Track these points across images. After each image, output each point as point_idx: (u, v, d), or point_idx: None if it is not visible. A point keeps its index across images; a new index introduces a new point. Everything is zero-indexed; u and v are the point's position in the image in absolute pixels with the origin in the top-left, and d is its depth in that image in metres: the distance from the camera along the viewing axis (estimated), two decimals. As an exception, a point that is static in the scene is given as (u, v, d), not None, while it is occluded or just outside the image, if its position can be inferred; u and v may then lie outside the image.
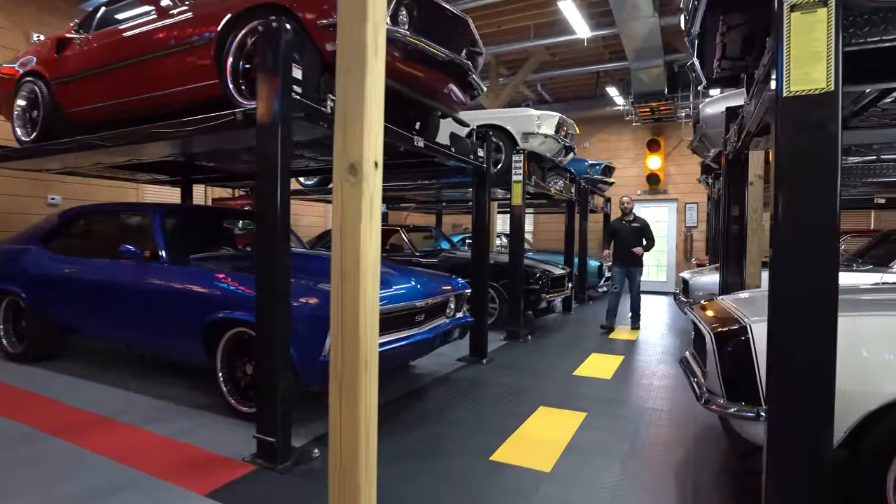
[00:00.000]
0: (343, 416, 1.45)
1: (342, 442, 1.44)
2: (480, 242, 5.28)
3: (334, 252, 1.43)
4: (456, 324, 4.46)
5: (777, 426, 1.74)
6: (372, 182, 1.38)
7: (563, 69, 10.53)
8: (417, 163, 4.82)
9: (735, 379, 2.23)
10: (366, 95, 1.34)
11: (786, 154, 1.62)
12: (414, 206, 12.35)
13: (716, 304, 2.88)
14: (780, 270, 1.68)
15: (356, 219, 1.36)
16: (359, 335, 1.36)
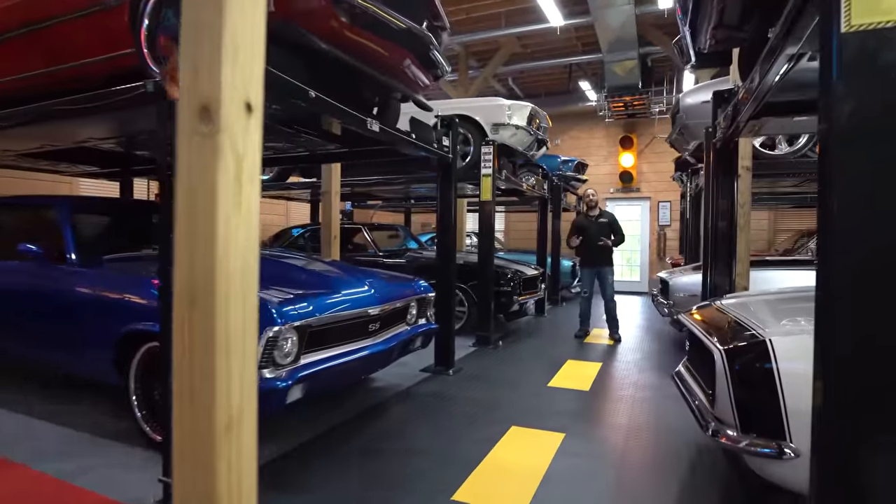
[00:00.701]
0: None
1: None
2: (446, 241, 4.79)
3: (176, 254, 0.88)
4: (418, 332, 3.97)
5: (824, 480, 1.29)
6: (241, 138, 0.85)
7: (534, 61, 10.14)
8: (375, 152, 4.30)
9: (752, 406, 1.80)
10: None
11: (846, 108, 1.17)
12: (380, 203, 11.82)
13: (715, 312, 2.45)
14: (838, 264, 1.23)
15: (209, 196, 0.83)
16: (214, 386, 0.83)
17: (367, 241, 7.28)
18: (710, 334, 2.05)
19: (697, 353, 2.36)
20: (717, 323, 2.21)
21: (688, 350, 2.68)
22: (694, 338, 2.39)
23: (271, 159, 4.74)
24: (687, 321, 2.49)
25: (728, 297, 2.95)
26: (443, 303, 4.80)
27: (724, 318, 2.24)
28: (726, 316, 2.25)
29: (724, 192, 3.91)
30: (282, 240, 8.15)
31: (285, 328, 2.58)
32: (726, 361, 1.83)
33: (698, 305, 2.99)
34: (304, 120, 3.59)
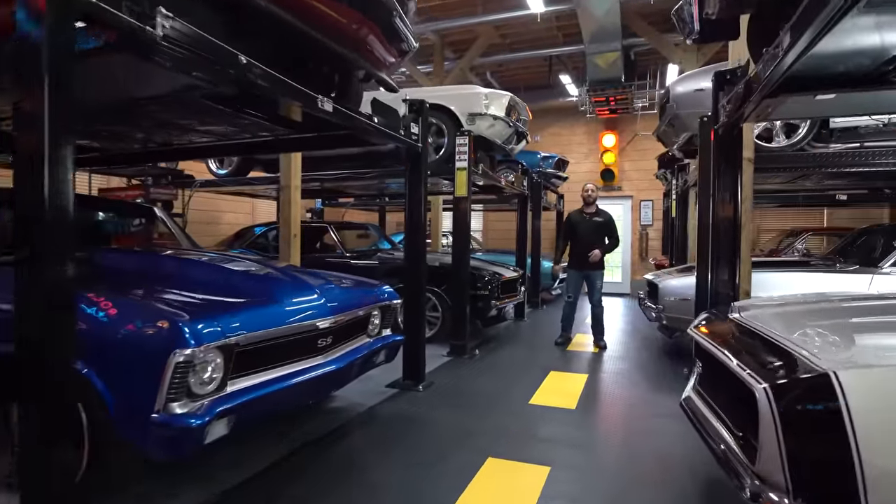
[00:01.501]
0: None
1: None
2: (415, 240, 4.28)
3: None
4: (382, 344, 3.46)
5: None
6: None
7: (514, 52, 9.69)
8: (333, 139, 3.76)
9: (811, 463, 1.32)
10: None
11: None
12: (352, 201, 11.25)
13: (736, 327, 1.99)
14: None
15: None
16: None
17: (334, 242, 6.72)
18: (743, 362, 1.57)
19: (716, 377, 1.89)
20: (745, 345, 1.73)
21: (699, 372, 2.21)
22: (710, 359, 1.92)
23: (214, 147, 4.16)
24: (701, 339, 2.02)
25: (741, 305, 2.50)
26: (412, 309, 4.29)
27: (754, 337, 1.77)
28: (755, 334, 1.78)
29: (726, 184, 3.47)
30: (243, 239, 7.53)
31: (202, 350, 2.04)
32: (775, 403, 1.35)
33: (706, 316, 2.53)
34: (246, 99, 3.05)
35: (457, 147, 5.34)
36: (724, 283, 3.52)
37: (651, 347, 6.08)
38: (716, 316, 2.38)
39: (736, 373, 1.52)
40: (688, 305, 5.13)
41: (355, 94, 3.68)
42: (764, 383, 1.38)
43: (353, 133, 3.62)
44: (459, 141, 5.32)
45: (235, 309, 2.36)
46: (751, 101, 2.68)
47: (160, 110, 3.21)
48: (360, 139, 3.86)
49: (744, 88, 2.67)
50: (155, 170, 6.66)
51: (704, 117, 4.59)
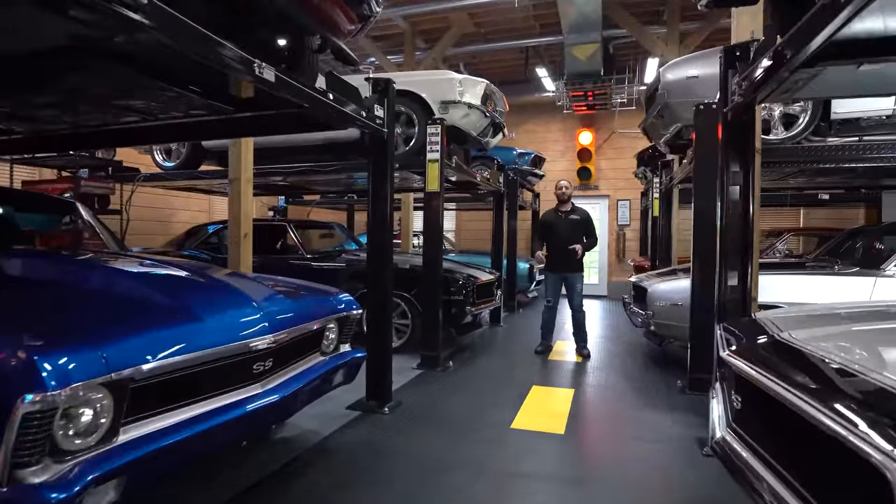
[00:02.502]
0: None
1: None
2: (380, 240, 3.74)
3: None
4: (339, 363, 2.91)
5: None
6: None
7: (489, 43, 9.21)
8: (280, 120, 3.19)
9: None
10: None
11: None
12: (318, 199, 10.63)
13: (803, 357, 1.50)
14: None
15: None
16: None
17: (294, 242, 6.11)
18: (844, 419, 1.08)
19: (772, 419, 1.41)
20: (829, 387, 1.25)
21: (737, 407, 1.73)
22: (760, 394, 1.44)
23: (147, 130, 3.53)
24: (754, 372, 1.53)
25: (776, 319, 2.04)
26: (377, 319, 3.75)
27: (843, 375, 1.29)
28: (844, 371, 1.29)
29: (736, 176, 3.04)
30: (194, 239, 6.86)
31: (70, 391, 1.46)
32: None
33: (737, 334, 2.05)
34: (168, 67, 2.47)
35: (428, 136, 4.82)
36: (734, 288, 3.09)
37: (637, 355, 5.67)
38: (749, 334, 1.91)
39: (836, 434, 1.04)
40: (679, 311, 4.72)
41: (309, 68, 3.11)
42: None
43: (304, 113, 3.07)
44: (431, 130, 4.80)
45: (134, 331, 1.78)
46: (779, 74, 2.24)
47: (65, 77, 2.60)
48: (315, 122, 3.30)
49: (773, 58, 2.22)
50: (90, 160, 5.94)
51: (701, 105, 4.21)
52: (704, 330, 4.22)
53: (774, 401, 1.37)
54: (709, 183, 4.20)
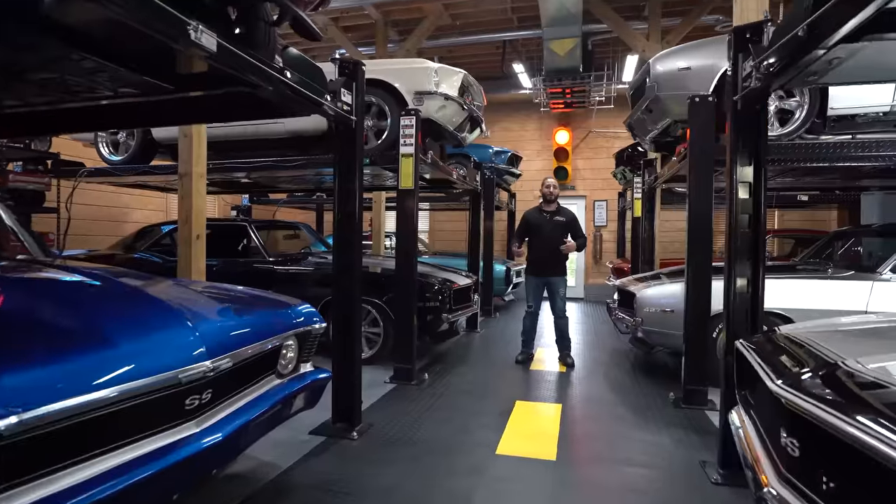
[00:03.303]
0: None
1: None
2: (348, 240, 3.31)
3: None
4: (299, 386, 2.49)
5: None
6: None
7: (464, 36, 8.85)
8: (231, 101, 2.75)
9: None
10: None
11: None
12: (285, 198, 10.11)
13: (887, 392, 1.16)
14: None
15: None
16: None
17: (255, 244, 5.62)
18: None
19: (876, 488, 1.06)
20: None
21: (794, 454, 1.38)
22: (860, 458, 1.09)
23: (73, 114, 3.02)
24: (844, 423, 1.17)
25: (825, 339, 1.72)
26: (344, 330, 3.33)
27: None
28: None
29: (745, 171, 2.73)
30: (146, 240, 6.29)
31: None
32: None
33: (791, 366, 1.70)
34: (83, 30, 2.01)
35: (402, 129, 4.42)
36: (743, 297, 2.77)
37: (622, 364, 5.37)
38: (799, 360, 1.57)
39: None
40: (671, 318, 4.44)
41: (266, 43, 2.67)
42: None
43: (261, 98, 2.63)
44: (405, 121, 4.40)
45: (6, 368, 1.33)
46: (813, 52, 1.92)
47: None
48: (274, 108, 2.86)
49: (807, 32, 1.90)
50: (21, 153, 5.34)
51: (696, 97, 3.92)
52: (699, 339, 3.95)
53: (871, 461, 1.02)
54: (705, 182, 3.94)
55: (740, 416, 2.06)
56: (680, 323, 4.25)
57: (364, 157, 4.81)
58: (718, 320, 4.22)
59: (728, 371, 2.79)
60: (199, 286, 2.70)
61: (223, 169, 5.59)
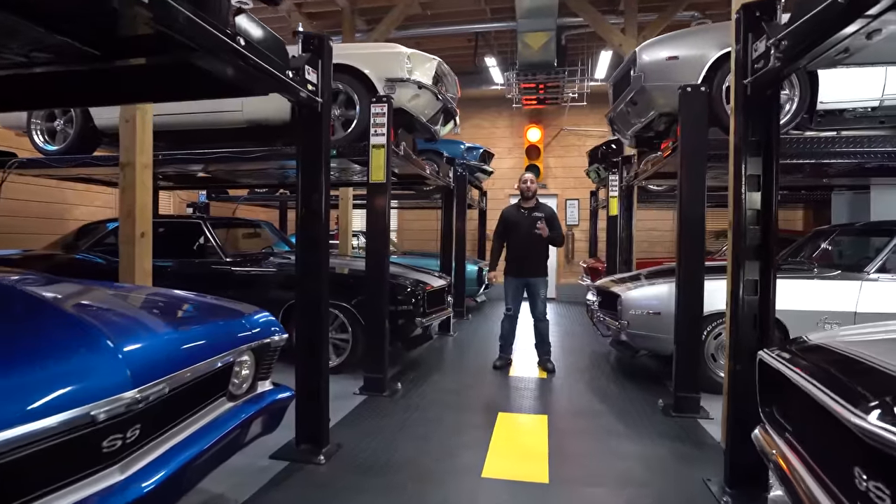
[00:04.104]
0: None
1: None
2: (312, 239, 2.93)
3: None
4: (255, 410, 2.13)
5: None
6: None
7: (435, 27, 8.51)
8: (172, 75, 2.35)
9: None
10: None
11: None
12: (245, 196, 9.58)
13: None
14: None
15: None
16: None
17: (211, 243, 5.15)
18: None
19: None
20: None
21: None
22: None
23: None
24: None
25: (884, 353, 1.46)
26: (308, 339, 2.95)
27: None
28: None
29: (755, 163, 2.49)
30: (89, 238, 5.72)
31: None
32: None
33: (870, 390, 1.43)
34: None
35: (372, 117, 4.06)
36: (752, 302, 2.53)
37: (604, 368, 5.14)
38: (869, 383, 1.30)
39: None
40: (658, 322, 4.22)
41: (216, 8, 2.28)
42: None
43: (213, 73, 2.24)
44: (376, 109, 4.04)
45: None
46: (858, 21, 1.67)
47: None
48: (223, 84, 2.46)
49: (848, 2, 1.65)
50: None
51: (688, 87, 3.69)
52: (691, 344, 3.73)
53: None
54: (697, 177, 3.71)
55: (770, 440, 1.79)
56: (667, 326, 4.03)
57: (331, 147, 4.48)
58: (708, 322, 4.07)
59: (739, 383, 2.56)
60: (135, 293, 2.29)
61: (175, 160, 5.10)
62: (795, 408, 1.69)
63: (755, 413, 2.48)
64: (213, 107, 4.93)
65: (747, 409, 2.52)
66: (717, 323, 4.11)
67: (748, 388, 2.53)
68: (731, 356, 2.63)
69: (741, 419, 2.54)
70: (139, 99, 3.15)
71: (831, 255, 5.08)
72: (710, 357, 4.13)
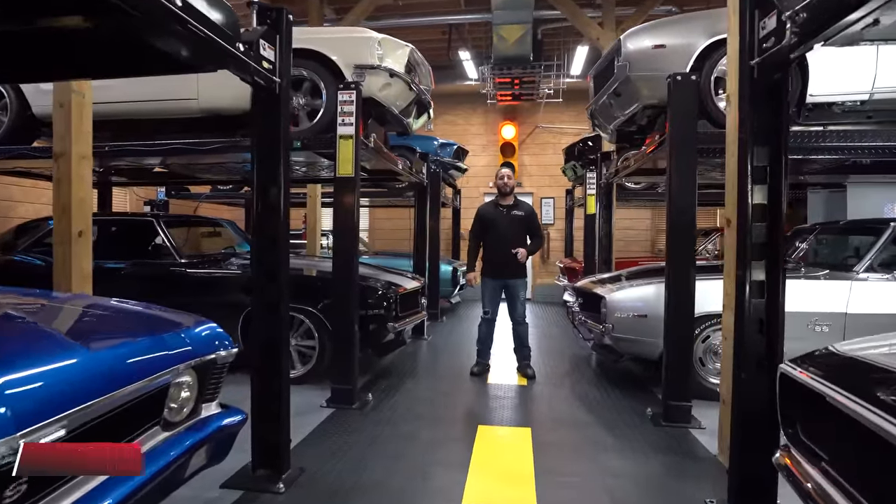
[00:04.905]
0: None
1: None
2: (270, 237, 2.59)
3: None
4: (197, 439, 1.80)
5: None
6: None
7: (407, 17, 8.19)
8: (95, 40, 1.99)
9: None
10: None
11: None
12: (206, 193, 9.10)
13: None
14: None
15: None
16: None
17: (164, 243, 4.72)
18: None
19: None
20: None
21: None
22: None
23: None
24: None
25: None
26: (266, 353, 2.61)
27: None
28: None
29: (762, 153, 2.27)
30: (28, 237, 5.23)
31: None
32: None
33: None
34: None
35: (340, 106, 3.73)
36: (758, 306, 2.31)
37: (585, 372, 4.92)
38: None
39: None
40: (645, 325, 4.01)
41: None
42: None
43: (152, 48, 1.90)
44: (344, 96, 3.71)
45: None
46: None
47: None
48: (163, 58, 2.11)
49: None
50: None
51: (678, 75, 3.48)
52: (682, 348, 3.52)
53: None
54: (687, 172, 3.50)
55: (800, 470, 1.55)
56: (654, 329, 3.83)
57: (294, 139, 4.13)
58: (696, 324, 3.87)
59: (745, 393, 2.33)
60: (51, 303, 1.92)
61: (123, 152, 4.69)
62: (833, 431, 1.45)
63: (763, 426, 2.28)
64: (165, 94, 4.53)
65: (754, 422, 2.31)
66: (706, 325, 3.92)
67: (755, 398, 2.32)
68: (737, 364, 2.40)
69: (747, 434, 2.32)
70: (64, 75, 2.76)
71: (816, 255, 4.96)
72: (699, 361, 3.94)
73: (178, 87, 4.44)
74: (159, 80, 4.45)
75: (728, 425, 2.82)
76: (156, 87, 4.48)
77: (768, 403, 2.29)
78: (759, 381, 2.32)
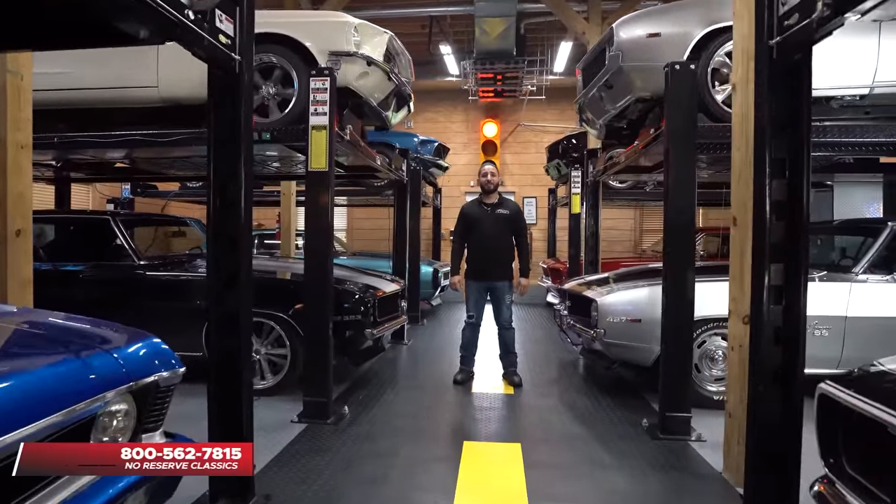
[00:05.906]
0: None
1: None
2: (230, 238, 2.29)
3: None
4: (132, 480, 1.49)
5: None
6: None
7: (387, 9, 7.90)
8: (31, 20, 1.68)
9: None
10: None
11: None
12: (175, 191, 8.68)
13: None
14: None
15: None
16: None
17: (121, 243, 4.34)
18: None
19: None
20: None
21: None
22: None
23: None
24: None
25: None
26: (224, 370, 2.30)
27: None
28: None
29: (781, 144, 2.05)
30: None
31: None
32: None
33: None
34: None
35: (312, 94, 3.42)
36: (775, 312, 2.08)
37: (574, 379, 4.70)
38: None
39: None
40: (638, 330, 3.79)
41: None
42: None
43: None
44: (316, 84, 3.41)
45: None
46: None
47: None
48: (99, 23, 1.80)
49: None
50: None
51: (677, 64, 3.26)
52: (681, 356, 3.30)
53: None
54: (686, 167, 3.28)
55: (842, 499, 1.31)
56: (649, 335, 3.62)
57: (264, 130, 3.82)
58: (693, 328, 3.66)
59: (762, 407, 2.11)
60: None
61: (76, 144, 4.31)
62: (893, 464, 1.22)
63: (780, 445, 2.06)
64: (122, 81, 4.17)
65: (770, 440, 2.09)
66: (702, 330, 3.73)
67: (770, 414, 2.11)
68: (753, 375, 2.17)
69: (763, 453, 2.10)
70: None
71: (809, 255, 4.81)
72: (694, 367, 3.74)
73: (137, 73, 4.08)
74: (115, 65, 4.10)
75: (735, 441, 2.61)
76: (112, 72, 4.13)
77: (785, 420, 2.08)
78: (774, 396, 2.11)
